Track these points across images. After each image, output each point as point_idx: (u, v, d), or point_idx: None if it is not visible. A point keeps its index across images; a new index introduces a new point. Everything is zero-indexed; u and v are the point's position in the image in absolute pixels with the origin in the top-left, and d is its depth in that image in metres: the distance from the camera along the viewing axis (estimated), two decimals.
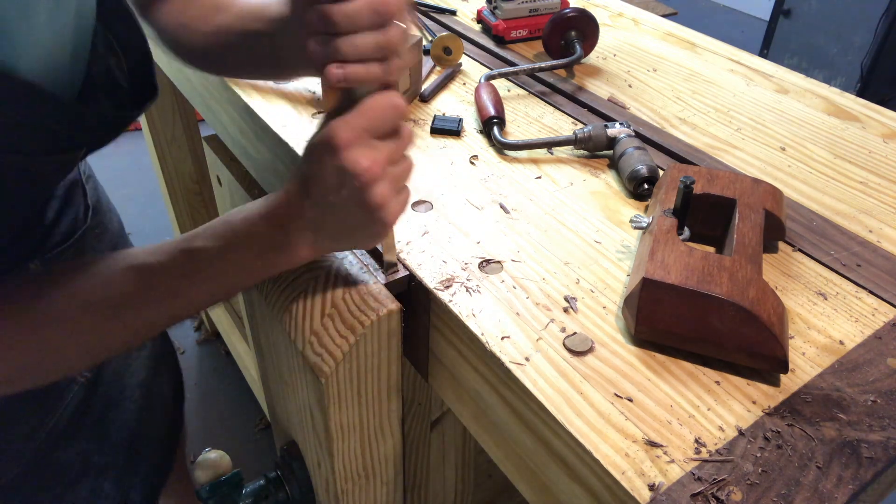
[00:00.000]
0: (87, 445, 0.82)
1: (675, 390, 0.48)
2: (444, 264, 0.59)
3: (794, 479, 0.42)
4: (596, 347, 0.51)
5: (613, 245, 0.62)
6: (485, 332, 0.52)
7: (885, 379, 0.49)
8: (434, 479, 0.89)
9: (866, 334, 0.53)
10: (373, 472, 0.68)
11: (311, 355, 0.55)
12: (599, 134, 0.73)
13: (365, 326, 0.54)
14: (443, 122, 0.78)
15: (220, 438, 1.69)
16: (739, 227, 0.56)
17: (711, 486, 0.42)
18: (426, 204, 0.66)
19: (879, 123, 0.83)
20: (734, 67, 0.95)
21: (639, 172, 0.67)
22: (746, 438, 0.45)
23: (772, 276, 0.59)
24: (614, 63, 0.95)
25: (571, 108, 0.84)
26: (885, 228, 0.65)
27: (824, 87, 0.90)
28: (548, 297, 0.55)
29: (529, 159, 0.74)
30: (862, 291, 0.57)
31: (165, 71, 1.15)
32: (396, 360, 0.60)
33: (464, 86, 0.88)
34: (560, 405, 0.47)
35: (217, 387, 1.81)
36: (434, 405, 0.80)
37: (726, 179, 0.61)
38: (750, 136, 0.79)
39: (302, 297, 0.57)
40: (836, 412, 0.47)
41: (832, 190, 0.70)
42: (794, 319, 0.54)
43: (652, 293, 0.49)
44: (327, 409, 0.57)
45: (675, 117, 0.82)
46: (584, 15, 0.91)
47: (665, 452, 0.44)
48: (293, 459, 0.73)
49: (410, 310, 0.59)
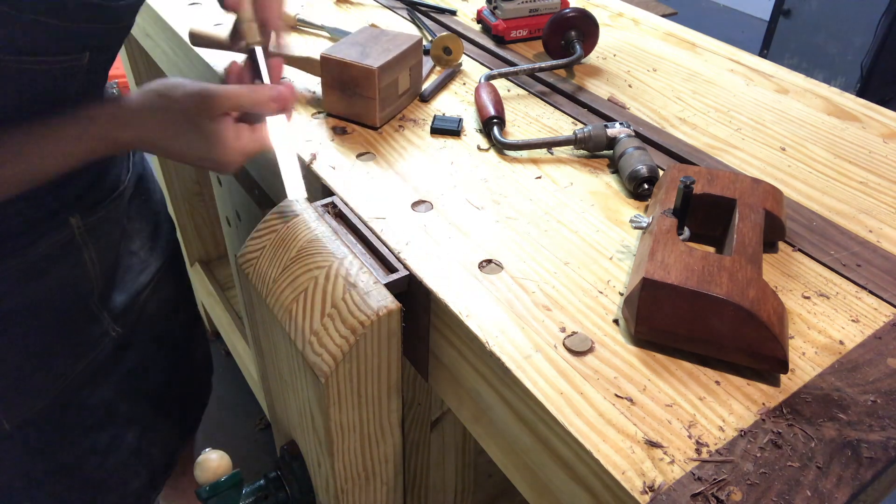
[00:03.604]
0: (114, 395, 0.85)
1: (675, 390, 0.48)
2: (444, 265, 0.59)
3: (794, 479, 0.42)
4: (596, 347, 0.51)
5: (613, 245, 0.62)
6: (485, 332, 0.52)
7: (885, 379, 0.49)
8: (434, 480, 0.89)
9: (866, 334, 0.53)
10: (373, 472, 0.68)
11: (311, 355, 0.55)
12: (599, 134, 0.73)
13: (365, 326, 0.54)
14: (443, 122, 0.78)
15: (220, 438, 1.69)
16: (739, 227, 0.56)
17: (711, 487, 0.42)
18: (426, 204, 0.66)
19: (879, 123, 0.83)
20: (734, 67, 0.95)
21: (639, 172, 0.67)
22: (746, 438, 0.45)
23: (772, 276, 0.59)
24: (614, 63, 0.95)
25: (571, 108, 0.84)
26: (885, 228, 0.65)
27: (824, 87, 0.90)
28: (548, 297, 0.55)
29: (529, 159, 0.74)
30: (862, 291, 0.57)
31: (165, 71, 1.15)
32: (396, 360, 0.60)
33: (464, 86, 0.88)
34: (560, 405, 0.47)
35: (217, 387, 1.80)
36: (434, 405, 0.80)
37: (726, 179, 0.61)
38: (750, 136, 0.79)
39: (302, 297, 0.57)
40: (836, 412, 0.47)
41: (832, 190, 0.70)
42: (794, 319, 0.54)
43: (652, 293, 0.49)
44: (327, 409, 0.57)
45: (675, 117, 0.82)
46: (584, 15, 0.91)
47: (665, 452, 0.44)
48: (293, 459, 0.73)
49: (410, 310, 0.59)
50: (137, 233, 0.87)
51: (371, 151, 0.74)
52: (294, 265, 0.59)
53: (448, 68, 0.91)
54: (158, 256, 0.92)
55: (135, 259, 0.86)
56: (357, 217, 0.64)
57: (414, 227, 0.63)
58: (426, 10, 1.10)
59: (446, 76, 0.89)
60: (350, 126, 0.79)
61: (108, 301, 0.81)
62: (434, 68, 0.92)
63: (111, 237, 0.80)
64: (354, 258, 0.59)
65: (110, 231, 0.79)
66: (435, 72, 0.91)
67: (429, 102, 0.84)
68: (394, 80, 0.78)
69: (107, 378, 0.83)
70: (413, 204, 0.66)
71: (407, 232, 0.62)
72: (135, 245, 0.87)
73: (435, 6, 1.11)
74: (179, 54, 1.01)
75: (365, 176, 0.70)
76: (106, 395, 0.84)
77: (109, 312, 0.81)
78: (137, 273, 0.86)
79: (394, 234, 0.62)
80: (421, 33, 1.02)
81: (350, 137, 0.77)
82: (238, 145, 0.61)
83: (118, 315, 0.82)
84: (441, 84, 0.87)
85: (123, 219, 0.83)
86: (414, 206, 0.66)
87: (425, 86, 0.86)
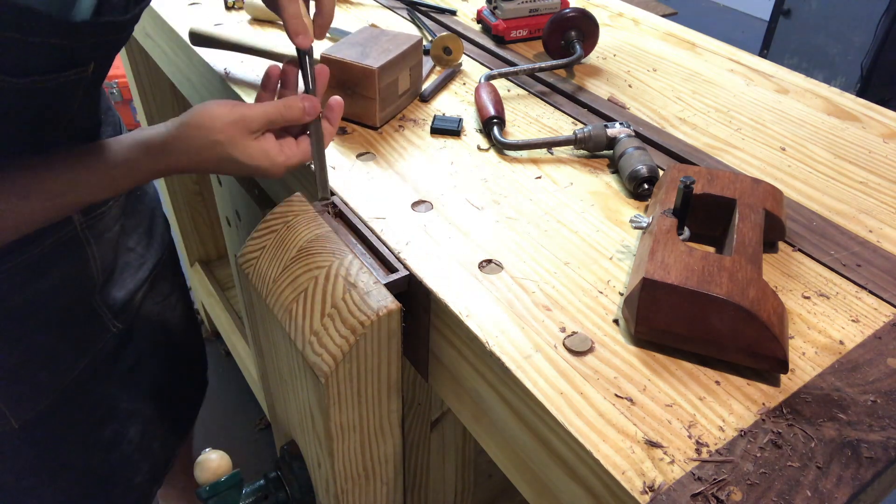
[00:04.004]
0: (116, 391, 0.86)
1: (675, 390, 0.48)
2: (444, 265, 0.59)
3: (794, 479, 0.42)
4: (596, 347, 0.51)
5: (613, 245, 0.62)
6: (484, 332, 0.52)
7: (885, 379, 0.49)
8: (434, 479, 0.89)
9: (866, 334, 0.53)
10: (373, 472, 0.68)
11: (311, 355, 0.55)
12: (599, 134, 0.73)
13: (365, 326, 0.54)
14: (443, 122, 0.78)
15: (220, 438, 1.69)
16: (739, 227, 0.56)
17: (711, 487, 0.42)
18: (426, 204, 0.66)
19: (879, 123, 0.83)
20: (734, 67, 0.95)
21: (639, 172, 0.67)
22: (746, 438, 0.45)
23: (772, 276, 0.59)
24: (614, 63, 0.95)
25: (571, 108, 0.84)
26: (885, 228, 0.65)
27: (824, 87, 0.90)
28: (548, 296, 0.55)
29: (529, 159, 0.74)
30: (862, 291, 0.57)
31: (165, 71, 1.15)
32: (396, 360, 0.60)
33: (464, 86, 0.88)
34: (560, 405, 0.47)
35: (217, 387, 1.81)
36: (434, 405, 0.80)
37: (726, 179, 0.61)
38: (750, 136, 0.79)
39: (302, 297, 0.57)
40: (836, 412, 0.47)
41: (832, 190, 0.70)
42: (794, 319, 0.54)
43: (652, 293, 0.49)
44: (327, 409, 0.57)
45: (675, 117, 0.82)
46: (584, 15, 0.91)
47: (665, 452, 0.44)
48: (293, 459, 0.73)
49: (410, 310, 0.59)
50: (134, 229, 0.88)
51: (371, 151, 0.74)
52: (294, 265, 0.59)
53: (448, 68, 0.91)
54: (155, 252, 0.93)
55: (132, 255, 0.87)
56: (357, 217, 0.64)
57: (414, 227, 0.63)
58: (426, 10, 1.10)
59: (446, 76, 0.89)
60: (350, 126, 0.79)
61: (108, 297, 0.81)
62: (434, 68, 0.92)
63: (111, 233, 0.81)
64: (354, 258, 0.59)
65: (110, 227, 0.80)
66: (435, 72, 0.91)
67: (429, 102, 0.84)
68: (394, 80, 0.78)
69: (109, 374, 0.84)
70: (413, 204, 0.66)
71: (407, 232, 0.62)
72: (132, 241, 0.87)
73: (435, 6, 1.11)
74: (179, 54, 1.01)
75: (365, 176, 0.70)
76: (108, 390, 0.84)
77: (110, 308, 0.81)
78: (135, 269, 0.87)
79: (394, 234, 0.62)
80: (421, 33, 1.02)
81: (350, 137, 0.77)
82: (282, 160, 0.63)
83: (118, 311, 0.83)
84: (441, 84, 0.87)
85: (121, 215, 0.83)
86: (414, 206, 0.66)
87: (425, 86, 0.86)
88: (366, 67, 0.74)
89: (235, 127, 0.59)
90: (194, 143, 0.60)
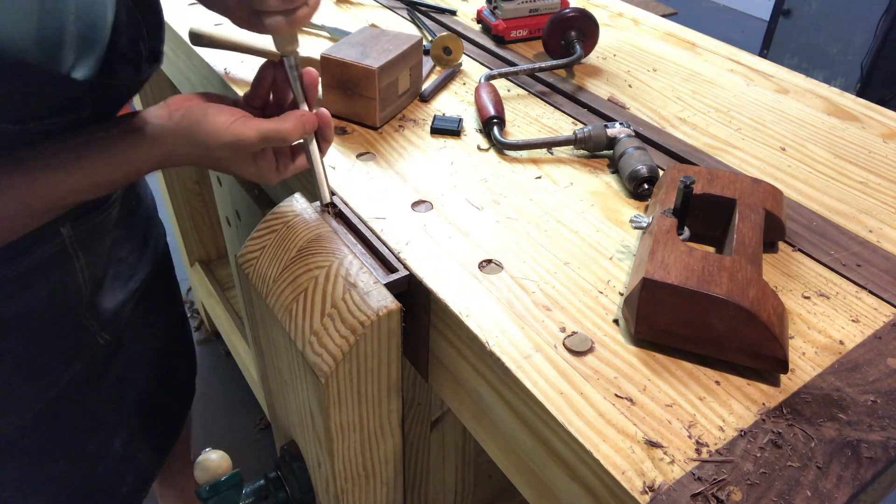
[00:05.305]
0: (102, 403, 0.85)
1: (675, 390, 0.48)
2: (444, 265, 0.59)
3: (794, 479, 0.42)
4: (596, 347, 0.51)
5: (613, 245, 0.62)
6: (484, 332, 0.52)
7: (885, 379, 0.49)
8: (434, 479, 0.89)
9: (866, 334, 0.53)
10: (373, 472, 0.68)
11: (311, 355, 0.55)
12: (599, 134, 0.73)
13: (365, 326, 0.54)
14: (443, 122, 0.78)
15: (220, 438, 1.69)
16: (739, 227, 0.56)
17: (711, 487, 0.42)
18: (426, 204, 0.66)
19: (879, 123, 0.83)
20: (734, 67, 0.95)
21: (639, 172, 0.67)
22: (746, 438, 0.45)
23: (772, 276, 0.59)
24: (614, 63, 0.95)
25: (571, 108, 0.84)
26: (885, 228, 0.65)
27: (824, 87, 0.90)
28: (548, 296, 0.55)
29: (529, 159, 0.74)
30: (862, 291, 0.57)
31: (166, 71, 1.15)
32: (396, 360, 0.60)
33: (464, 86, 0.88)
34: (560, 405, 0.47)
35: (217, 387, 1.81)
36: (434, 405, 0.80)
37: (726, 179, 0.61)
38: (750, 136, 0.79)
39: (302, 297, 0.57)
40: (836, 412, 0.47)
41: (832, 190, 0.70)
42: (794, 319, 0.54)
43: (652, 293, 0.49)
44: (327, 409, 0.57)
45: (675, 117, 0.82)
46: (584, 15, 0.91)
47: (665, 452, 0.44)
48: (293, 459, 0.73)
49: (410, 310, 0.59)
50: (126, 239, 0.86)
51: (371, 151, 0.74)
52: (294, 265, 0.59)
53: (448, 68, 0.91)
54: (147, 262, 0.91)
55: (123, 266, 0.85)
56: (357, 217, 0.64)
57: (414, 227, 0.63)
58: (426, 10, 1.10)
59: (446, 76, 0.89)
60: (350, 126, 0.79)
61: (97, 308, 0.80)
62: (434, 68, 0.92)
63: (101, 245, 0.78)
64: (354, 258, 0.59)
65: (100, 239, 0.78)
66: (435, 72, 0.91)
67: (429, 102, 0.84)
68: (394, 80, 0.78)
69: (95, 385, 0.82)
70: (413, 204, 0.66)
71: (407, 232, 0.62)
72: (123, 252, 0.85)
73: (435, 6, 1.11)
74: (179, 54, 1.01)
75: (365, 176, 0.70)
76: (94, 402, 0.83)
77: (97, 319, 0.80)
78: (126, 280, 0.85)
79: (394, 234, 0.62)
80: (421, 33, 1.02)
81: (350, 137, 0.77)
82: (279, 176, 0.63)
83: (106, 322, 0.81)
84: (441, 84, 0.87)
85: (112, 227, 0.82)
86: (414, 206, 0.66)
87: (425, 86, 0.86)
88: (366, 67, 0.74)
89: (230, 149, 0.59)
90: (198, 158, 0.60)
